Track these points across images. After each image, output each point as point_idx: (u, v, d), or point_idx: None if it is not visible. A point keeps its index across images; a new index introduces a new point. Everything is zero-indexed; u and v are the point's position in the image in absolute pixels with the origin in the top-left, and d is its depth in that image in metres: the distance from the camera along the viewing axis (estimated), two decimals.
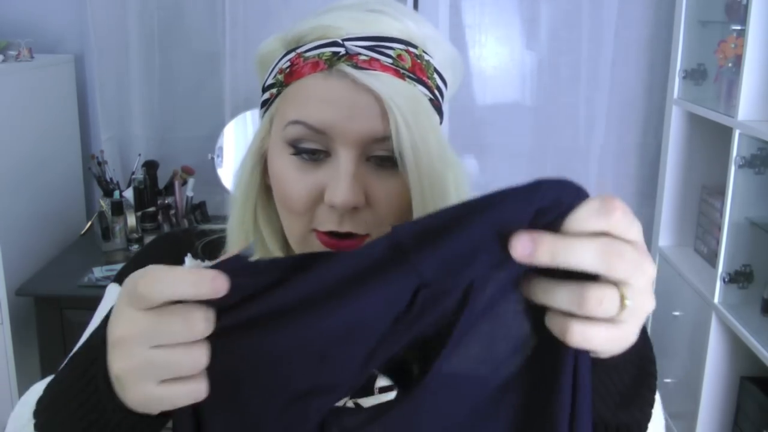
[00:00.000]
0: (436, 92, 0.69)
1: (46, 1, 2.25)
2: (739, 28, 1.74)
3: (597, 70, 2.28)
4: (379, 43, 0.65)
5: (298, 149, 0.66)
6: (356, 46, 0.64)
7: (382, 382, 0.77)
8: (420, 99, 0.66)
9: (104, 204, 2.04)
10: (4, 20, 2.22)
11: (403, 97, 0.64)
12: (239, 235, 0.73)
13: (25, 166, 1.96)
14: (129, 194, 2.08)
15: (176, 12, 2.26)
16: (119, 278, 0.80)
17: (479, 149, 2.36)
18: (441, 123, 0.71)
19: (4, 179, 1.85)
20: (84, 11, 2.19)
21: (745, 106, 1.67)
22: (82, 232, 2.12)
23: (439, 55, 0.69)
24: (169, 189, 2.14)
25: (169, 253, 0.80)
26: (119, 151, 2.33)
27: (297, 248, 0.71)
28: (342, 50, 0.64)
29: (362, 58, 0.64)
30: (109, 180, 2.10)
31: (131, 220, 2.02)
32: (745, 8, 1.67)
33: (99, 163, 2.10)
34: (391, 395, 0.77)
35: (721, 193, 1.81)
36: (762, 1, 1.63)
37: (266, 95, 0.71)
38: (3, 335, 1.83)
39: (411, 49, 0.66)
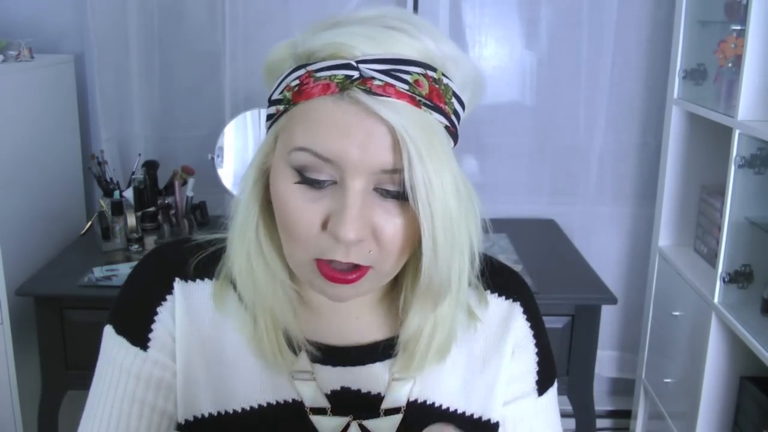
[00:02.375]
0: (453, 117, 0.66)
1: (46, 1, 2.24)
2: (739, 28, 1.74)
3: (597, 70, 2.28)
4: (395, 66, 0.61)
5: (303, 178, 0.64)
6: (371, 69, 0.61)
7: (387, 404, 0.77)
8: (435, 129, 0.62)
9: (104, 204, 2.04)
10: (4, 20, 2.22)
11: (417, 127, 0.60)
12: (240, 252, 0.71)
13: (25, 166, 1.96)
14: (129, 194, 2.08)
15: (176, 12, 2.26)
16: (113, 320, 0.77)
17: (479, 149, 2.36)
18: (455, 146, 0.68)
19: (4, 179, 1.85)
20: (84, 11, 2.19)
21: (745, 106, 1.67)
22: (82, 232, 2.12)
23: (460, 76, 0.66)
24: (169, 189, 2.14)
25: (158, 279, 0.77)
26: (119, 151, 2.33)
27: (298, 272, 0.70)
28: (356, 73, 0.61)
29: (377, 83, 0.60)
30: (109, 180, 2.10)
31: (131, 220, 2.02)
32: (745, 8, 1.67)
33: (99, 163, 2.10)
34: (397, 418, 0.77)
35: (721, 193, 1.81)
36: (762, 1, 1.63)
37: (272, 109, 0.68)
38: (3, 335, 1.82)
39: (429, 73, 0.63)
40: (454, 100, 0.65)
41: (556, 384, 0.85)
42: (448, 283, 0.68)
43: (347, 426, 0.76)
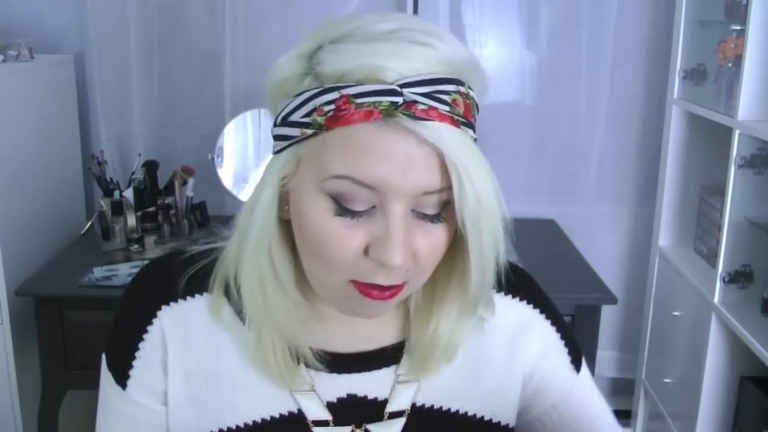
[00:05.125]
0: (476, 126, 0.66)
1: (46, 1, 2.24)
2: (739, 28, 1.74)
3: (597, 70, 2.28)
4: (435, 87, 0.60)
5: (341, 207, 0.62)
6: (413, 93, 0.59)
7: (391, 407, 0.77)
8: (474, 147, 0.63)
9: (104, 204, 2.04)
10: (4, 20, 2.22)
11: (463, 150, 0.61)
12: (252, 273, 0.70)
13: (25, 166, 1.96)
14: (129, 194, 2.08)
15: (176, 12, 2.26)
16: (106, 349, 0.78)
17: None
18: None
19: (4, 179, 1.85)
20: (84, 11, 2.19)
21: (745, 106, 1.67)
22: (82, 232, 2.12)
23: (479, 84, 0.66)
24: (169, 189, 2.14)
25: (142, 309, 0.76)
26: (119, 151, 2.32)
27: (327, 295, 0.69)
28: (400, 99, 0.59)
29: (420, 107, 0.59)
30: (109, 180, 2.09)
31: (131, 220, 2.02)
32: (745, 8, 1.67)
33: (99, 163, 2.09)
34: (401, 421, 0.76)
35: (721, 193, 1.81)
36: (762, 1, 1.63)
37: (294, 131, 0.64)
38: (3, 335, 1.83)
39: (461, 89, 0.62)
40: (476, 111, 0.66)
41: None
42: (488, 292, 0.70)
43: (352, 430, 0.75)
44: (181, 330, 0.75)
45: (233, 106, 2.26)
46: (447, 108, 0.61)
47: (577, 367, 0.83)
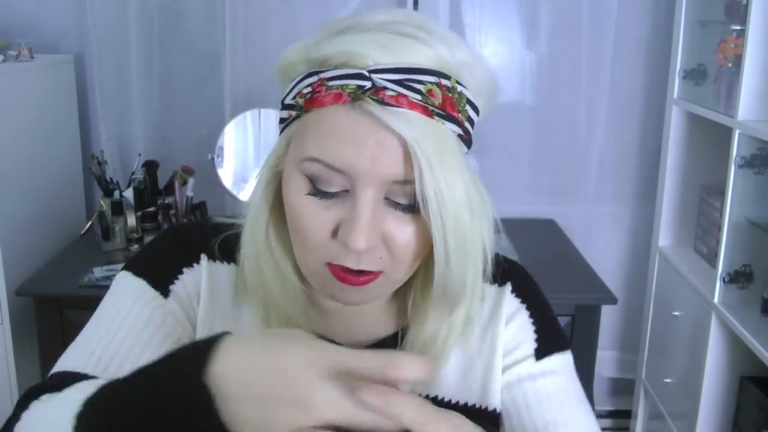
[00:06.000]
0: (467, 124, 0.65)
1: (46, 1, 2.25)
2: (739, 28, 1.74)
3: (597, 70, 2.28)
4: (408, 76, 0.60)
5: (314, 188, 0.63)
6: (383, 79, 0.60)
7: None
8: (448, 139, 0.62)
9: (104, 204, 2.04)
10: (4, 20, 2.22)
11: (429, 139, 0.60)
12: (251, 253, 0.71)
13: (25, 166, 1.96)
14: (129, 194, 2.08)
15: (176, 12, 2.26)
16: (132, 266, 0.77)
17: (479, 149, 2.34)
18: (468, 150, 0.68)
19: (4, 179, 1.85)
20: (84, 11, 2.19)
21: (745, 106, 1.67)
22: (82, 232, 2.12)
23: (474, 83, 0.65)
24: (169, 189, 2.14)
25: (187, 246, 0.78)
26: (119, 151, 2.33)
27: (309, 277, 0.70)
28: (368, 84, 0.60)
29: (389, 93, 0.60)
30: (109, 180, 2.10)
31: (131, 220, 2.02)
32: (745, 8, 1.67)
33: (99, 163, 2.10)
34: None
35: (721, 193, 1.81)
36: (762, 1, 1.63)
37: (285, 113, 0.67)
38: (3, 335, 1.83)
39: (443, 81, 0.62)
40: (468, 107, 0.65)
41: (567, 355, 0.81)
42: (463, 290, 0.68)
43: None
44: (211, 287, 0.77)
45: (233, 106, 2.26)
46: (419, 97, 0.61)
47: (542, 355, 0.79)
